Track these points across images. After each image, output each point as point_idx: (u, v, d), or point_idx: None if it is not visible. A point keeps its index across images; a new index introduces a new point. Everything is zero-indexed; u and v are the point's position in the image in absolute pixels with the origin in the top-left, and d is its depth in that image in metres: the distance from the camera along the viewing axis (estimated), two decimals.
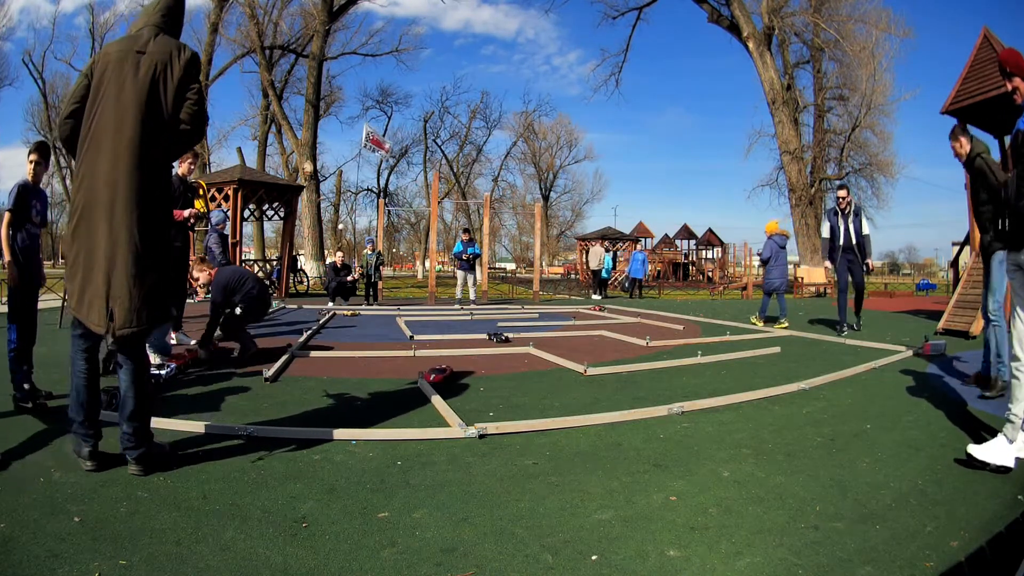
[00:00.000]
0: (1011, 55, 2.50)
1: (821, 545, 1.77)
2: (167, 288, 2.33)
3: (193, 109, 2.27)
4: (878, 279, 35.03)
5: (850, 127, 23.66)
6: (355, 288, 11.91)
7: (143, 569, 1.58)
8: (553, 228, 47.03)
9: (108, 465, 2.27)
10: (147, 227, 2.16)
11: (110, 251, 2.10)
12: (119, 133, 2.13)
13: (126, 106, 2.15)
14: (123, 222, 2.11)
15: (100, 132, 2.15)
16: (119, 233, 2.10)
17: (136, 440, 2.24)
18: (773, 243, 8.23)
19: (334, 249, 28.45)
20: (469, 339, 6.33)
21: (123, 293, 2.10)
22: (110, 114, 2.15)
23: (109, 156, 2.12)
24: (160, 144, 2.21)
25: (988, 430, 2.93)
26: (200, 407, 3.26)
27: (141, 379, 2.29)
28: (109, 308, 2.10)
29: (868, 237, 7.05)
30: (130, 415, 2.24)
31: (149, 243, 2.17)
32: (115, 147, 2.12)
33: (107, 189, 2.11)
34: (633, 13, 27.14)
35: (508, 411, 3.33)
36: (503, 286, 21.12)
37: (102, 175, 2.12)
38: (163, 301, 2.27)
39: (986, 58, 7.34)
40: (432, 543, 1.77)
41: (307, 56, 24.95)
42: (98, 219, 2.11)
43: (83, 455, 2.24)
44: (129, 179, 2.12)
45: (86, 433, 2.24)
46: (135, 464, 2.23)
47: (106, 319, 2.10)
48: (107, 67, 2.20)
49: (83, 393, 2.25)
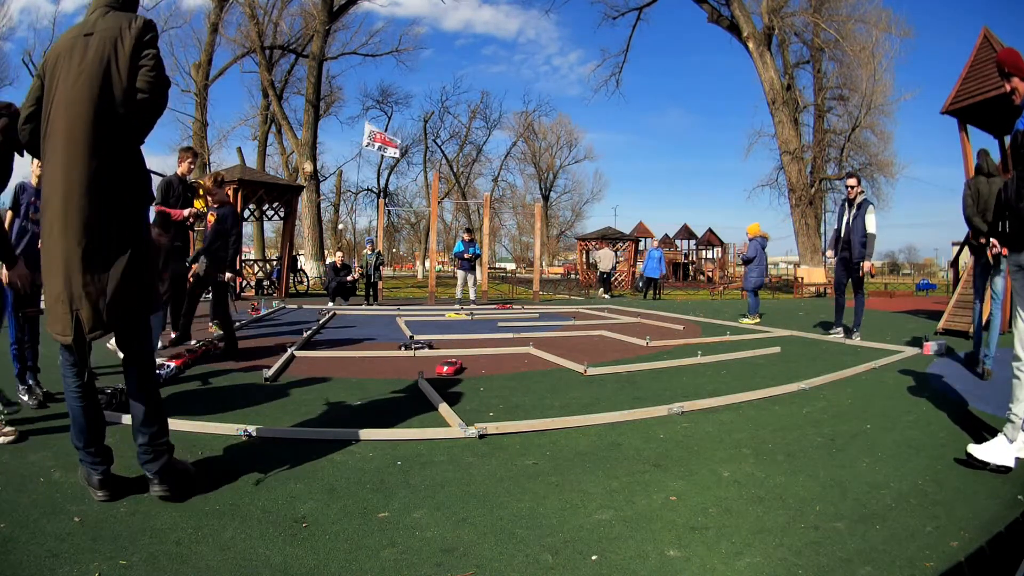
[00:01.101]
0: (1009, 55, 2.49)
1: (821, 545, 1.77)
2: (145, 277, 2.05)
3: (149, 76, 2.03)
4: (878, 279, 35.03)
5: (850, 127, 23.64)
6: (355, 288, 11.92)
7: (143, 569, 1.58)
8: (553, 228, 47.01)
9: (123, 492, 2.04)
10: (109, 214, 1.95)
11: (66, 247, 1.90)
12: (72, 121, 1.95)
13: (77, 94, 1.97)
14: (77, 213, 1.90)
15: (54, 126, 1.98)
16: (73, 225, 1.90)
17: (154, 450, 2.01)
18: (757, 244, 8.93)
19: (334, 249, 28.47)
20: (469, 339, 6.33)
21: (84, 291, 1.89)
22: (62, 106, 1.97)
23: (63, 147, 1.94)
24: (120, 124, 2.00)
25: (988, 430, 2.93)
26: (200, 407, 3.25)
27: (149, 380, 2.09)
28: (73, 310, 1.89)
29: (871, 236, 6.30)
30: (143, 421, 2.03)
31: (111, 231, 1.96)
32: (68, 137, 1.94)
33: (62, 182, 1.92)
34: (633, 13, 27.13)
35: (508, 411, 3.33)
36: (503, 286, 21.12)
37: (58, 167, 1.94)
38: (141, 292, 2.02)
39: (986, 58, 7.34)
40: (432, 543, 1.77)
41: (307, 56, 24.95)
42: (54, 215, 1.93)
43: (93, 484, 2.01)
44: (83, 166, 1.92)
45: (93, 461, 2.01)
46: (159, 483, 1.99)
47: (71, 325, 1.89)
48: (57, 60, 2.03)
49: (80, 416, 2.02)
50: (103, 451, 2.05)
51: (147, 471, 2.00)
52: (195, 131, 24.67)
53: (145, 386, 2.07)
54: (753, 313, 8.74)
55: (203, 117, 24.80)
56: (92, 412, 2.04)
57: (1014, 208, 2.43)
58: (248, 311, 8.89)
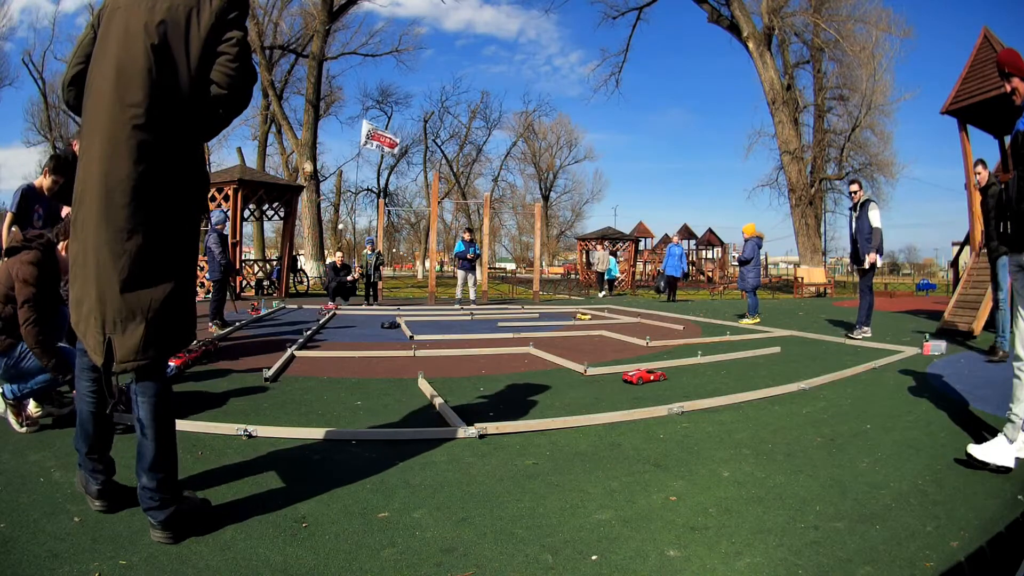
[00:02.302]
0: (1009, 55, 2.49)
1: (821, 545, 1.77)
2: (186, 304, 1.78)
3: (230, 68, 1.69)
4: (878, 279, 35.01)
5: (850, 127, 23.65)
6: (355, 288, 11.92)
7: (143, 569, 1.58)
8: (553, 228, 47.01)
9: (122, 504, 1.89)
10: (156, 226, 1.67)
11: (101, 258, 1.64)
12: (119, 103, 1.62)
13: (129, 65, 1.62)
14: (119, 225, 1.62)
15: (96, 101, 1.66)
16: (112, 234, 1.63)
17: (160, 498, 1.71)
18: (754, 244, 8.90)
19: (334, 249, 28.48)
20: (469, 339, 6.33)
21: (121, 316, 1.65)
22: (109, 76, 1.64)
23: (104, 140, 1.62)
24: (180, 116, 1.67)
25: (988, 430, 2.93)
26: (200, 407, 3.25)
27: (162, 414, 1.75)
28: (106, 336, 1.65)
29: (877, 231, 6.46)
30: (150, 464, 1.72)
31: (159, 247, 1.68)
32: (113, 121, 1.62)
33: (101, 176, 1.62)
34: (633, 13, 27.07)
35: (508, 411, 3.33)
36: (503, 286, 21.12)
37: (96, 157, 1.63)
38: (180, 322, 1.76)
39: (986, 58, 7.34)
40: (432, 543, 1.77)
41: (307, 56, 24.96)
42: (89, 218, 1.65)
43: (91, 493, 1.86)
44: (130, 162, 1.61)
45: (93, 468, 1.85)
46: (161, 529, 1.71)
47: (102, 347, 1.65)
48: (115, 13, 1.68)
49: (89, 422, 1.85)
50: (106, 461, 1.89)
51: (149, 517, 1.73)
52: None
53: (158, 421, 1.75)
54: (753, 313, 8.75)
55: None
56: (102, 420, 1.87)
57: (1014, 209, 2.43)
58: (248, 311, 8.89)
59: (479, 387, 3.97)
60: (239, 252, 13.43)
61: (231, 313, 8.11)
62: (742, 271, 9.17)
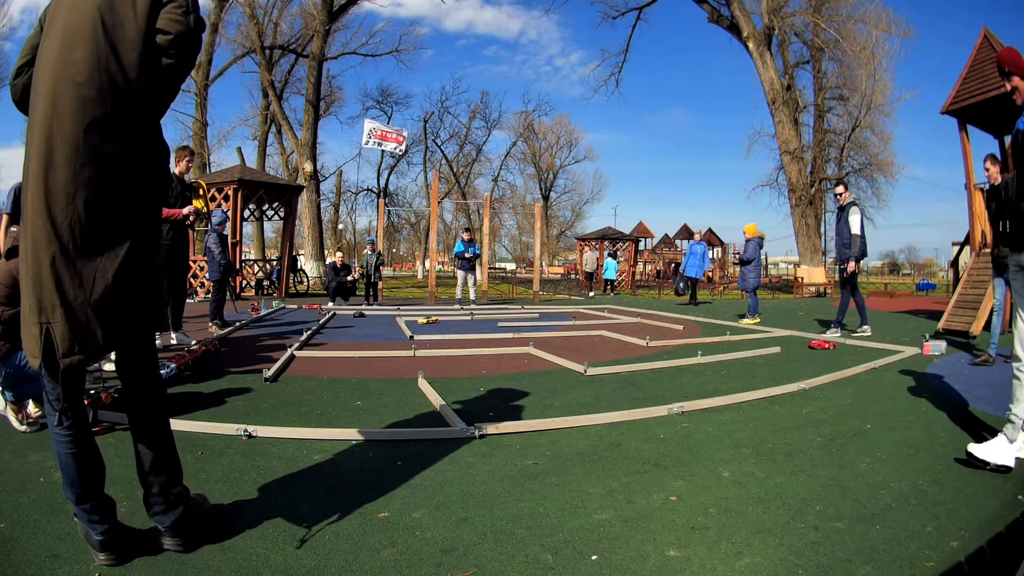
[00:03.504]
0: (1010, 55, 2.49)
1: (821, 545, 1.77)
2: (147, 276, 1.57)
3: (176, 12, 1.56)
4: (878, 279, 35.00)
5: (850, 127, 23.67)
6: (355, 288, 11.92)
7: (143, 569, 1.58)
8: (553, 228, 47.03)
9: (132, 553, 1.63)
10: (102, 191, 1.46)
11: (36, 236, 1.42)
12: (61, 68, 1.47)
13: (73, 31, 1.49)
14: (61, 190, 1.41)
15: (40, 72, 1.52)
16: (56, 208, 1.41)
17: (166, 501, 1.63)
18: (755, 244, 8.94)
19: (334, 249, 28.48)
20: (469, 339, 6.33)
21: (59, 297, 1.40)
22: (55, 45, 1.50)
23: (46, 100, 1.46)
24: (127, 75, 1.50)
25: (988, 430, 2.92)
26: (200, 407, 3.26)
27: (159, 418, 1.66)
28: (43, 324, 1.40)
29: (856, 237, 6.48)
30: (152, 468, 1.63)
31: (104, 219, 1.46)
32: (55, 86, 1.46)
33: (41, 144, 1.44)
34: (633, 13, 27.09)
35: (508, 411, 3.33)
36: (503, 286, 21.12)
37: (38, 121, 1.46)
38: (142, 298, 1.54)
39: (986, 58, 7.34)
40: (432, 543, 1.77)
41: (307, 56, 24.95)
42: (29, 186, 1.46)
43: (93, 544, 1.57)
44: (72, 126, 1.43)
45: (90, 518, 1.55)
46: (171, 536, 1.63)
47: (40, 341, 1.41)
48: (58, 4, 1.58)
49: (71, 465, 1.53)
50: (102, 504, 1.59)
51: (158, 523, 1.64)
52: (195, 131, 24.66)
53: (154, 425, 1.65)
54: (753, 313, 8.77)
55: (203, 117, 24.79)
56: (86, 459, 1.56)
57: (1014, 208, 2.43)
58: (248, 311, 8.89)
59: (479, 387, 3.97)
60: (239, 252, 13.43)
61: (231, 313, 8.11)
62: (743, 271, 9.19)
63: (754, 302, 8.92)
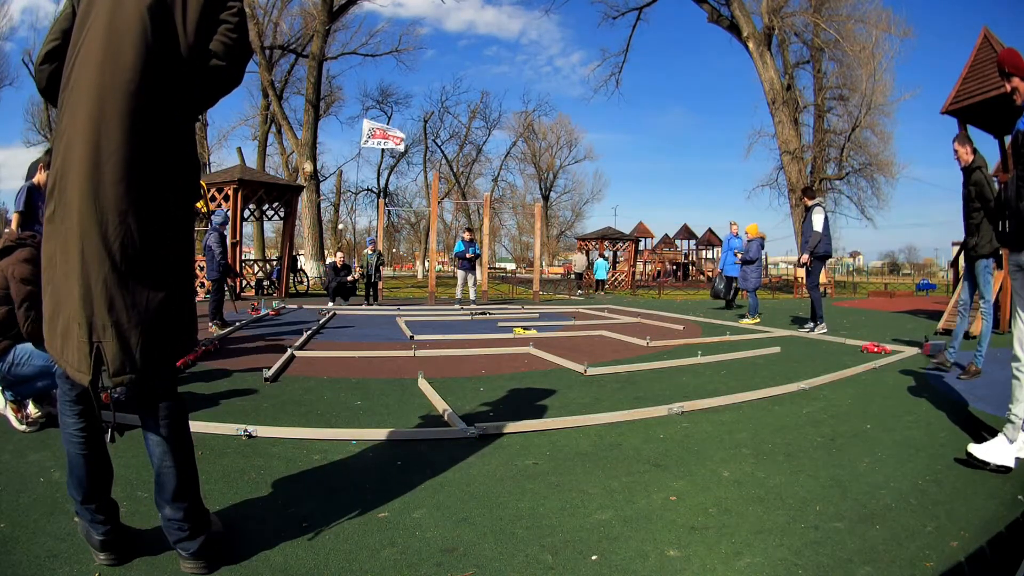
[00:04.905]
0: (1010, 55, 2.49)
1: (821, 545, 1.77)
2: (188, 303, 1.59)
3: (231, 37, 1.55)
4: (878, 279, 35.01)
5: (850, 127, 23.62)
6: (355, 288, 11.92)
7: (143, 569, 1.58)
8: (553, 228, 47.02)
9: (132, 553, 1.63)
10: (153, 209, 1.44)
11: (90, 244, 1.38)
12: (109, 73, 1.41)
13: (120, 33, 1.43)
14: (111, 205, 1.38)
15: (82, 73, 1.43)
16: (109, 227, 1.39)
17: (190, 528, 1.56)
18: (757, 244, 9.04)
19: (334, 249, 28.46)
20: (469, 339, 6.33)
21: (113, 320, 1.40)
22: (97, 45, 1.43)
23: (92, 107, 1.40)
24: (174, 89, 1.48)
25: (988, 430, 2.93)
26: (200, 407, 3.26)
27: (180, 439, 1.58)
28: (93, 343, 1.39)
29: (816, 234, 7.04)
30: (174, 494, 1.55)
31: (156, 233, 1.45)
32: (101, 93, 1.40)
33: (87, 156, 1.39)
34: (633, 13, 27.10)
35: (508, 411, 3.33)
36: (503, 286, 21.12)
37: (82, 129, 1.40)
38: (182, 323, 1.55)
39: (986, 58, 7.34)
40: (432, 543, 1.77)
41: (307, 56, 24.95)
42: (72, 199, 1.40)
43: (94, 544, 1.58)
44: (123, 140, 1.40)
45: (93, 519, 1.57)
46: (193, 559, 1.56)
47: (89, 360, 1.39)
48: None
49: (81, 466, 1.55)
50: (106, 506, 1.60)
51: (181, 549, 1.57)
52: None
53: (176, 446, 1.56)
54: (753, 313, 8.79)
55: (203, 117, 24.79)
56: (95, 461, 1.58)
57: (1014, 208, 2.43)
58: (248, 311, 8.89)
59: (479, 387, 3.97)
60: (239, 252, 13.43)
61: (231, 313, 8.11)
62: (745, 271, 9.22)
63: (754, 302, 8.97)
